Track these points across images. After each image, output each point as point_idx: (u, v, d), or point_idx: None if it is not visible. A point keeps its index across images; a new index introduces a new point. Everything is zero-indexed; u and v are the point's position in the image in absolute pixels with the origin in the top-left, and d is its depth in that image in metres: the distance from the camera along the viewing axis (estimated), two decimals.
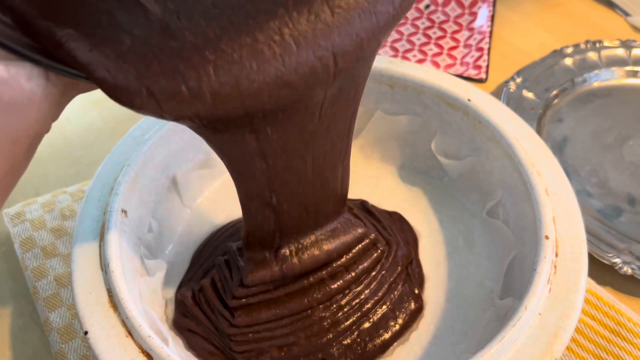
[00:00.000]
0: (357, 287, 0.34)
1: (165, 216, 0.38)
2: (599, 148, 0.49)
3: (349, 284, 0.34)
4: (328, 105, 0.26)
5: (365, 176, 0.43)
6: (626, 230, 0.42)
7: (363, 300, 0.34)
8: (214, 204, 0.41)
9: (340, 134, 0.29)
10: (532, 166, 0.34)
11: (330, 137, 0.28)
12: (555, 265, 0.30)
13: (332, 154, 0.29)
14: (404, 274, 0.36)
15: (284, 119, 0.25)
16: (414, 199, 0.42)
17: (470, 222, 0.39)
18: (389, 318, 0.34)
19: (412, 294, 0.36)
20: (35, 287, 0.39)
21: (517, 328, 0.27)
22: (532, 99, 0.52)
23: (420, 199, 0.42)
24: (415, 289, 0.36)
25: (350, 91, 0.26)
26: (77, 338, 0.37)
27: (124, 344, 0.27)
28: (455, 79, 0.39)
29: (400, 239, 0.38)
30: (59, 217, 0.43)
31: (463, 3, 0.62)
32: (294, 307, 0.33)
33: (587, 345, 0.36)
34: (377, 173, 0.44)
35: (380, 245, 0.36)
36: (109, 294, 0.29)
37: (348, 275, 0.34)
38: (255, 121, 0.24)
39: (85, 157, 0.49)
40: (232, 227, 0.39)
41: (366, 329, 0.34)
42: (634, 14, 0.63)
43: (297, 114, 0.25)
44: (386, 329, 0.34)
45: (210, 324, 0.33)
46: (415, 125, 0.41)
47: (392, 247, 0.37)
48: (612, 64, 0.55)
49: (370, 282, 0.35)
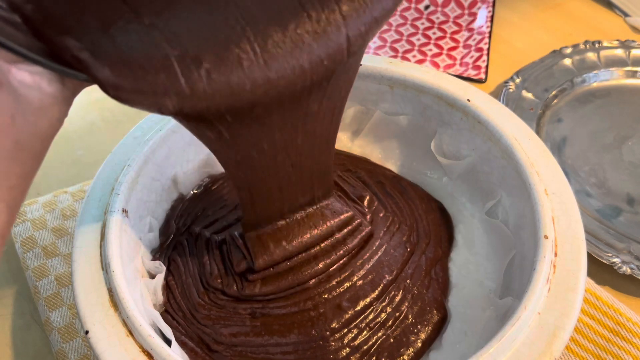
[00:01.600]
0: (378, 302, 0.34)
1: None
2: (598, 148, 0.49)
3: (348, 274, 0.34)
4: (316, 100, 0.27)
5: None
6: (625, 230, 0.42)
7: (384, 319, 0.33)
8: None
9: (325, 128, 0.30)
10: (532, 166, 0.34)
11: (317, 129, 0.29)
12: (555, 265, 0.30)
13: (319, 146, 0.31)
14: (427, 278, 0.36)
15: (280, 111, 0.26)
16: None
17: (469, 222, 0.39)
18: (410, 333, 0.33)
19: (436, 301, 0.35)
20: (36, 286, 0.39)
21: (517, 327, 0.27)
22: (531, 99, 0.52)
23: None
24: (440, 296, 0.35)
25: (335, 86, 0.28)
26: (78, 337, 0.37)
27: (124, 344, 0.27)
28: (455, 80, 0.40)
29: (433, 234, 0.38)
30: (59, 216, 0.43)
31: (462, 4, 0.62)
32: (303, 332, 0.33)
33: (586, 345, 0.36)
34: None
35: (363, 227, 0.36)
36: (109, 293, 0.29)
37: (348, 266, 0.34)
38: (243, 114, 0.25)
39: (86, 157, 0.49)
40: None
41: (387, 348, 0.33)
42: (633, 15, 0.63)
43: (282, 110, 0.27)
44: (407, 346, 0.33)
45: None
46: (415, 125, 0.41)
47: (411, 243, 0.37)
48: (611, 65, 0.55)
49: (392, 294, 0.34)
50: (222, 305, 0.34)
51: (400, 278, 0.35)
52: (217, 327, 0.33)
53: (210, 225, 0.37)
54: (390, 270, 0.35)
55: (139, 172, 0.35)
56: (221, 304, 0.34)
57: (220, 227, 0.37)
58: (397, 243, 0.37)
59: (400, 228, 0.38)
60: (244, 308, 0.33)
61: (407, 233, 0.38)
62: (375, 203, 0.39)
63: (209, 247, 0.36)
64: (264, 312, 0.33)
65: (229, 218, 0.38)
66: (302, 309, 0.33)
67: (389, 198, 0.40)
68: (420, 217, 0.39)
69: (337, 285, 0.34)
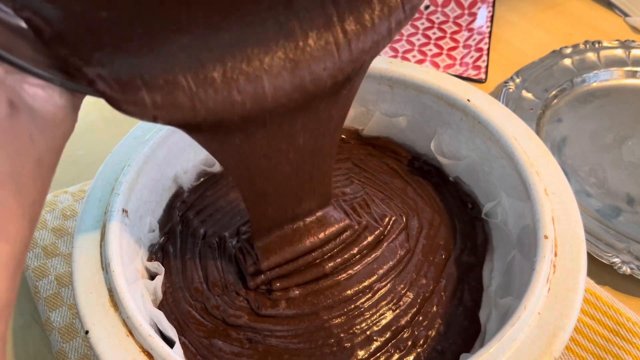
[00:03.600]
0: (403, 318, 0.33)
1: None
2: (598, 148, 0.49)
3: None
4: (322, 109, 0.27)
5: None
6: (625, 230, 0.42)
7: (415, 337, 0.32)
8: None
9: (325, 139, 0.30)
10: (531, 166, 0.34)
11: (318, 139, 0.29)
12: (555, 265, 0.30)
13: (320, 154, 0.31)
14: (460, 291, 0.34)
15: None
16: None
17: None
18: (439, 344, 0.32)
19: (469, 316, 0.33)
20: (36, 286, 0.39)
21: (517, 327, 0.27)
22: (531, 99, 0.52)
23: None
24: (473, 308, 0.34)
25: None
26: (78, 337, 0.37)
27: (124, 343, 0.27)
28: (455, 80, 0.40)
29: (467, 241, 0.37)
30: (59, 216, 0.43)
31: (462, 4, 0.62)
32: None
33: (586, 345, 0.36)
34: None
35: (367, 234, 0.36)
36: (109, 293, 0.29)
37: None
38: (243, 126, 0.26)
39: (86, 157, 0.49)
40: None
41: None
42: (633, 15, 0.63)
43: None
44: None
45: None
46: (414, 125, 0.41)
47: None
48: (611, 65, 0.55)
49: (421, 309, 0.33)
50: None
51: (438, 289, 0.34)
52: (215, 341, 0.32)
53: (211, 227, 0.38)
54: (425, 284, 0.34)
55: (139, 172, 0.35)
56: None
57: (221, 227, 0.37)
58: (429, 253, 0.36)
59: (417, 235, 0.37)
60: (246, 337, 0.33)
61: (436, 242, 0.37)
62: (394, 218, 0.37)
63: (218, 256, 0.36)
64: (269, 342, 0.32)
65: (228, 218, 0.38)
66: (322, 344, 0.32)
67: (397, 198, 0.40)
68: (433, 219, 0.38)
69: (359, 316, 0.33)
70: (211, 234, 0.37)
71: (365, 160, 0.42)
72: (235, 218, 0.38)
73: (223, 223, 0.38)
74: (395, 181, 0.41)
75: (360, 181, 0.40)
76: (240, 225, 0.37)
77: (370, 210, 0.38)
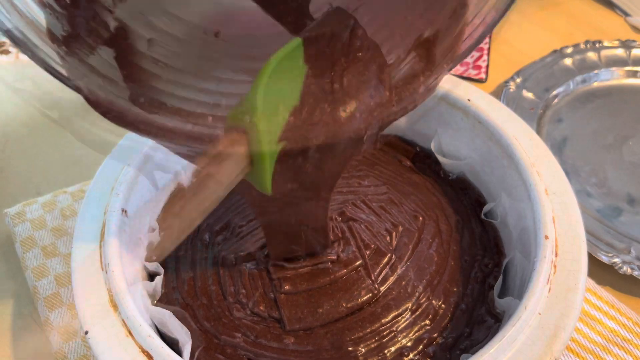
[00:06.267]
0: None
1: None
2: (599, 148, 0.49)
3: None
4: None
5: None
6: (626, 230, 0.42)
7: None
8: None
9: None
10: (532, 166, 0.34)
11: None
12: (555, 265, 0.30)
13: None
14: (484, 307, 0.33)
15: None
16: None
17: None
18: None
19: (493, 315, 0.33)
20: (36, 286, 0.39)
21: (517, 327, 0.27)
22: (531, 99, 0.52)
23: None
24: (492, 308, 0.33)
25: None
26: (78, 338, 0.37)
27: (124, 344, 0.27)
28: (455, 79, 0.40)
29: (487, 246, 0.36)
30: (59, 217, 0.43)
31: None
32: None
33: (587, 345, 0.36)
34: None
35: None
36: (109, 293, 0.29)
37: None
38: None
39: (86, 157, 0.49)
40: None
41: None
42: (633, 14, 0.63)
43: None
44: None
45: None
46: (415, 125, 0.41)
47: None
48: (611, 64, 0.55)
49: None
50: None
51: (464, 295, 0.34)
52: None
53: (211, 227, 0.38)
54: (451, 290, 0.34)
55: (139, 172, 0.35)
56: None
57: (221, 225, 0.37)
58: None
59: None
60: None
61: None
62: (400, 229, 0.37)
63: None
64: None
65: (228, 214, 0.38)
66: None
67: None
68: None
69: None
70: (211, 234, 0.37)
71: (376, 154, 0.42)
72: (234, 214, 0.38)
73: (223, 221, 0.38)
74: (413, 176, 0.40)
75: (374, 174, 0.40)
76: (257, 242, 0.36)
77: (401, 209, 0.37)
